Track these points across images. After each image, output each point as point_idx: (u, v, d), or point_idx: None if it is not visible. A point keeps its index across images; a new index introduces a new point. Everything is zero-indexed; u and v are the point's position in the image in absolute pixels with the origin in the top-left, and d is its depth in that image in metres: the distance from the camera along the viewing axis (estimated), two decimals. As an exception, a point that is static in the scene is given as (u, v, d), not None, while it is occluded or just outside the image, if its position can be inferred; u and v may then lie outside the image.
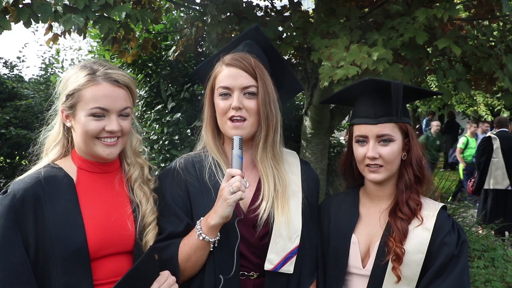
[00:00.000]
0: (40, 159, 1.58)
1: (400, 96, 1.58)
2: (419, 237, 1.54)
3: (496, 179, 6.75)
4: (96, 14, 2.94)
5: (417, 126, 16.66)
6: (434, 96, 10.86)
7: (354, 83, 1.71)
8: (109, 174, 1.57)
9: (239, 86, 1.59)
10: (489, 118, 12.13)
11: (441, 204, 1.63)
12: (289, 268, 1.56)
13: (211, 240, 1.48)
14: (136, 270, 1.39)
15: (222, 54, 1.69)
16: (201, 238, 1.48)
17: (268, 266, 1.55)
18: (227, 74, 1.60)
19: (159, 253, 1.55)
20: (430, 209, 1.59)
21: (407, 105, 2.10)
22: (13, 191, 1.40)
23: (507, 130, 7.04)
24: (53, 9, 2.85)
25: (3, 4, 2.79)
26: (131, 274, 1.38)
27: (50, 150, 1.56)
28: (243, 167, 1.53)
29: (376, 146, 1.59)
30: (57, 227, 1.39)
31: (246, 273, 1.57)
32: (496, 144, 6.77)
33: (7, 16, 2.89)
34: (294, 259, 1.57)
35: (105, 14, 3.01)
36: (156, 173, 1.77)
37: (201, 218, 1.52)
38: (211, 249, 1.52)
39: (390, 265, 1.52)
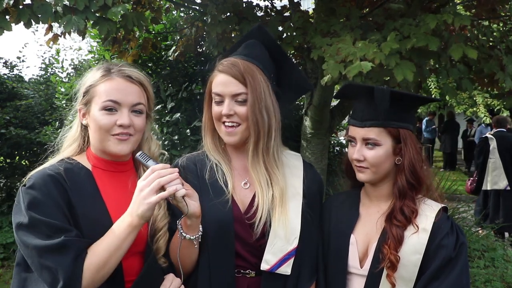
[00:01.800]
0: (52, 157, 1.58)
1: (385, 100, 1.56)
2: (416, 238, 1.53)
3: (494, 180, 6.75)
4: (96, 14, 2.94)
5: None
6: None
7: (343, 85, 1.73)
8: (123, 173, 1.57)
9: (229, 93, 1.59)
10: (488, 120, 11.96)
11: (441, 205, 1.62)
12: (286, 269, 1.56)
13: (192, 237, 1.48)
14: (142, 279, 1.41)
15: (220, 57, 1.69)
16: (182, 237, 1.49)
17: (264, 266, 1.55)
18: (219, 80, 1.61)
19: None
20: (430, 210, 1.58)
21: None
22: (36, 183, 1.37)
23: (504, 130, 7.01)
24: (53, 10, 2.86)
25: (4, 5, 2.80)
26: (139, 283, 1.39)
27: (66, 147, 1.57)
28: (241, 171, 1.62)
29: (362, 148, 1.60)
30: (87, 218, 1.39)
31: (242, 271, 1.58)
32: (493, 144, 6.75)
33: (7, 17, 2.89)
34: (291, 260, 1.56)
35: (104, 16, 3.02)
36: None
37: (181, 217, 1.51)
38: (206, 246, 1.52)
39: (385, 271, 1.51)
